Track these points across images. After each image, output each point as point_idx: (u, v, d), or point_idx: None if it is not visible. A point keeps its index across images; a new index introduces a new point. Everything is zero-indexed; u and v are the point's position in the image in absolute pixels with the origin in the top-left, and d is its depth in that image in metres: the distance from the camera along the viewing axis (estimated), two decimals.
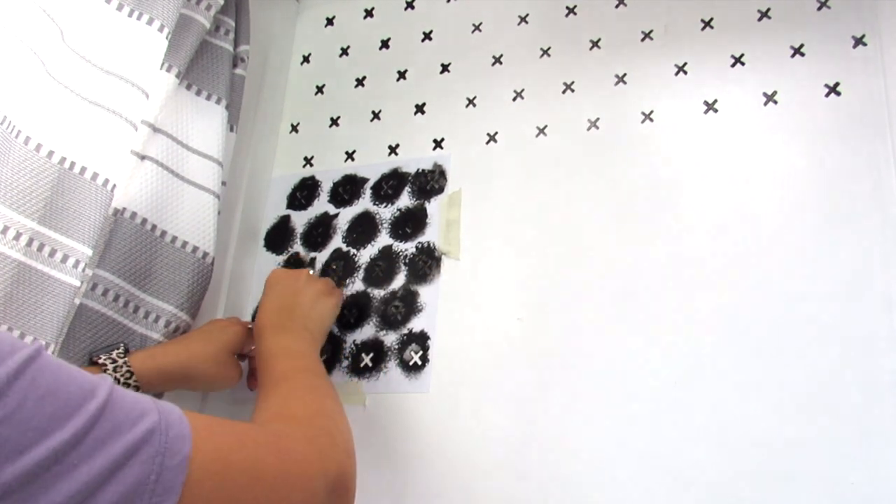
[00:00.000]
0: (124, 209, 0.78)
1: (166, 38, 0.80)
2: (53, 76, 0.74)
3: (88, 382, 0.41)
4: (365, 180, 0.98)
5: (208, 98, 0.87)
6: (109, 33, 0.79)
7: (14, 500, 0.36)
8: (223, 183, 0.89)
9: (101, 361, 0.71)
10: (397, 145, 0.99)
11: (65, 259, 0.70)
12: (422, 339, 0.86)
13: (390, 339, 0.88)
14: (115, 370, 0.71)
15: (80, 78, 0.76)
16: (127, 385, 0.71)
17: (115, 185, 0.75)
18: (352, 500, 0.57)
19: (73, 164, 0.73)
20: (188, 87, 0.86)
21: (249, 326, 0.83)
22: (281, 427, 0.58)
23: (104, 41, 0.78)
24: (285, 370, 0.68)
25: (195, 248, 0.83)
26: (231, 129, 0.91)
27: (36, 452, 0.37)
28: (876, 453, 0.67)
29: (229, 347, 0.80)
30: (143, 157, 0.80)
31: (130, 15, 0.80)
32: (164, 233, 0.81)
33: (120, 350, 0.73)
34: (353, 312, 0.91)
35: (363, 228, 0.95)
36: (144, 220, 0.79)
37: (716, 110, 0.85)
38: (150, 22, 0.80)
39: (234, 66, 0.92)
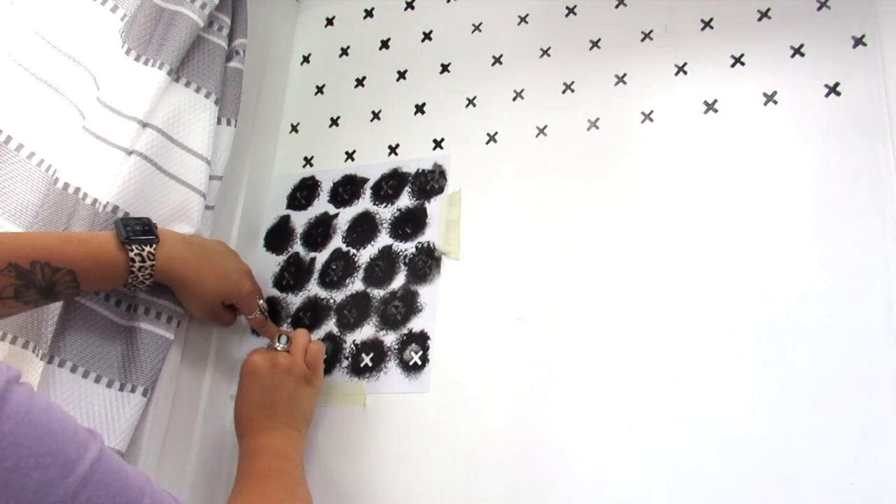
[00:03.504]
0: (106, 203, 0.76)
1: (121, 19, 0.81)
2: (1, 47, 0.74)
3: (137, 482, 0.47)
4: (365, 180, 0.98)
5: (197, 91, 0.87)
6: (68, 12, 0.80)
7: None
8: (220, 178, 0.88)
9: (132, 254, 0.71)
10: (397, 145, 0.99)
11: None
12: (422, 339, 0.86)
13: (390, 339, 0.88)
14: (139, 269, 0.72)
15: (32, 53, 0.76)
16: (142, 283, 0.73)
17: (50, 167, 0.75)
18: None
19: (8, 137, 0.73)
20: (177, 80, 0.85)
21: (258, 299, 0.85)
22: None
23: (59, 18, 0.79)
24: (265, 469, 0.69)
25: None
26: (229, 123, 0.90)
27: None
28: (876, 453, 0.67)
29: (225, 298, 0.82)
30: (130, 153, 0.79)
31: None
32: None
33: (152, 248, 0.73)
34: (353, 312, 0.91)
35: (363, 228, 0.95)
36: (126, 215, 0.78)
37: (716, 110, 0.85)
38: (113, 9, 0.82)
39: (230, 59, 0.92)
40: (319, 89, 1.08)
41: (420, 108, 1.00)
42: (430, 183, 0.94)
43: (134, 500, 0.45)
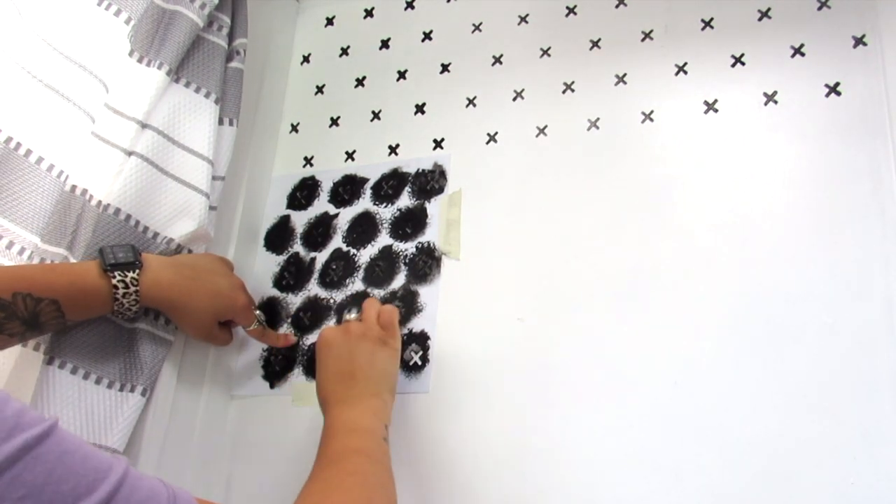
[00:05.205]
0: (108, 205, 0.76)
1: (125, 23, 0.82)
2: (10, 55, 0.74)
3: (99, 464, 0.43)
4: (365, 180, 0.98)
5: (197, 91, 0.87)
6: (73, 19, 0.80)
7: None
8: (223, 178, 0.89)
9: (115, 281, 0.70)
10: (397, 145, 0.99)
11: (10, 246, 0.71)
12: (422, 339, 0.86)
13: None
14: (123, 296, 0.71)
15: (39, 60, 0.76)
16: (129, 310, 0.72)
17: (61, 172, 0.76)
18: None
19: (18, 144, 0.73)
20: (177, 80, 0.85)
21: (254, 310, 0.85)
22: None
23: (67, 26, 0.79)
24: (339, 451, 0.65)
25: (179, 246, 0.82)
26: (231, 123, 0.90)
27: None
28: (876, 453, 0.67)
29: (220, 317, 0.81)
30: (130, 154, 0.79)
31: (100, 4, 0.82)
32: (146, 228, 0.79)
33: (135, 274, 0.72)
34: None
35: (363, 228, 0.95)
36: (128, 217, 0.78)
37: (716, 110, 0.85)
38: (117, 13, 0.82)
39: (230, 59, 0.92)
40: (319, 89, 1.08)
41: (420, 108, 1.00)
42: (430, 183, 0.94)
43: (87, 486, 0.41)
